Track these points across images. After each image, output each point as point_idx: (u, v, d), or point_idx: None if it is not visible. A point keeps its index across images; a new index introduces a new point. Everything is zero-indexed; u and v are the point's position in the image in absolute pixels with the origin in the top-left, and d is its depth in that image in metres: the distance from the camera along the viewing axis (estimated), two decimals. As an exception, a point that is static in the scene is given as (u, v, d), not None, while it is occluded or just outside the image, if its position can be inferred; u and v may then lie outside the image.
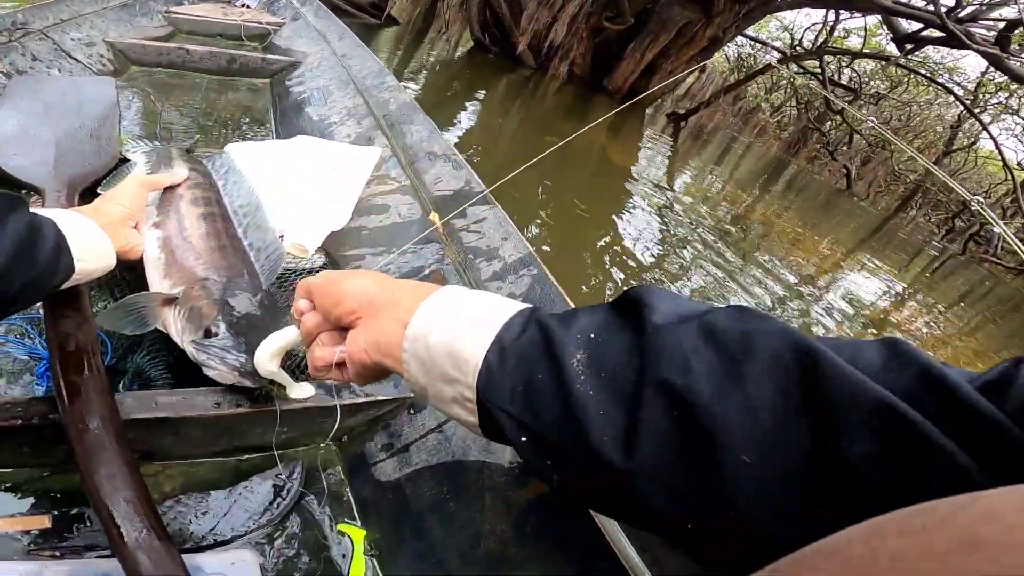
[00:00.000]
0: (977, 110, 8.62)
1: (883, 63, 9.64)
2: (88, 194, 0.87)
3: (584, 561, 0.55)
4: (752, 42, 12.71)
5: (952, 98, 9.08)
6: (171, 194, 0.83)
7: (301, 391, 0.63)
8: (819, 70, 9.21)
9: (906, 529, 0.16)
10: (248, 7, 3.13)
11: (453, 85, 6.29)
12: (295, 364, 0.71)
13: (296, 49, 2.38)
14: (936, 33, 6.45)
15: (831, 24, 8.94)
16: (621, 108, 1.21)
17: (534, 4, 7.92)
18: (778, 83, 14.24)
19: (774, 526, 0.26)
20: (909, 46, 7.21)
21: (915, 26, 6.81)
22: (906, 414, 0.24)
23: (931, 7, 6.26)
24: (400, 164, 1.20)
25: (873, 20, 9.19)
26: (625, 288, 0.37)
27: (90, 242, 0.59)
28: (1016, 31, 5.96)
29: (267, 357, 0.54)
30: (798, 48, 10.13)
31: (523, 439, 0.33)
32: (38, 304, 0.74)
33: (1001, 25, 6.11)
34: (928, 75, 9.23)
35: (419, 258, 0.98)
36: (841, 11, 8.39)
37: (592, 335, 0.33)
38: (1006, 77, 6.91)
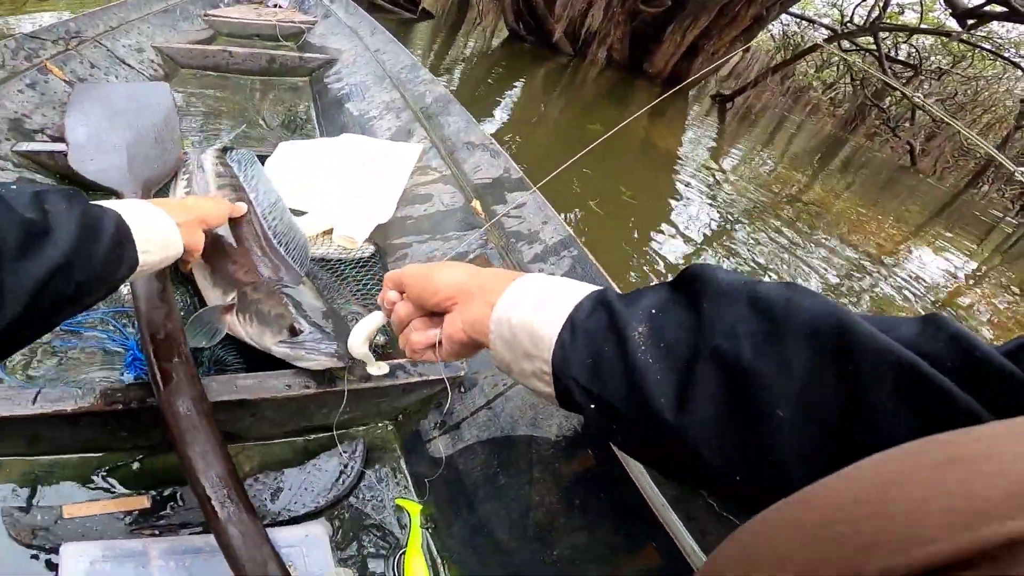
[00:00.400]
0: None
1: (944, 39, 9.13)
2: (159, 195, 0.94)
3: (630, 530, 0.59)
4: (798, 20, 12.24)
5: (1021, 72, 8.56)
6: None
7: (379, 369, 0.68)
8: (874, 47, 8.79)
9: (902, 454, 0.19)
10: (280, 7, 3.22)
11: (491, 76, 6.34)
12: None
13: (330, 46, 2.45)
14: (999, 8, 6.07)
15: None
16: (666, 95, 1.21)
17: None
18: (829, 60, 13.64)
19: (809, 476, 0.29)
20: (971, 21, 6.79)
21: (975, 0, 6.41)
22: (928, 374, 0.27)
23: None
24: (440, 155, 1.25)
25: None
26: (681, 270, 0.40)
27: (155, 232, 0.59)
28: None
29: (360, 341, 0.60)
30: (849, 25, 9.68)
31: (592, 406, 0.38)
32: (125, 296, 0.82)
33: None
34: (993, 50, 8.72)
35: (464, 244, 1.02)
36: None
37: (653, 311, 0.38)
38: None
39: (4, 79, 1.17)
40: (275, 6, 3.21)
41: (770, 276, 3.00)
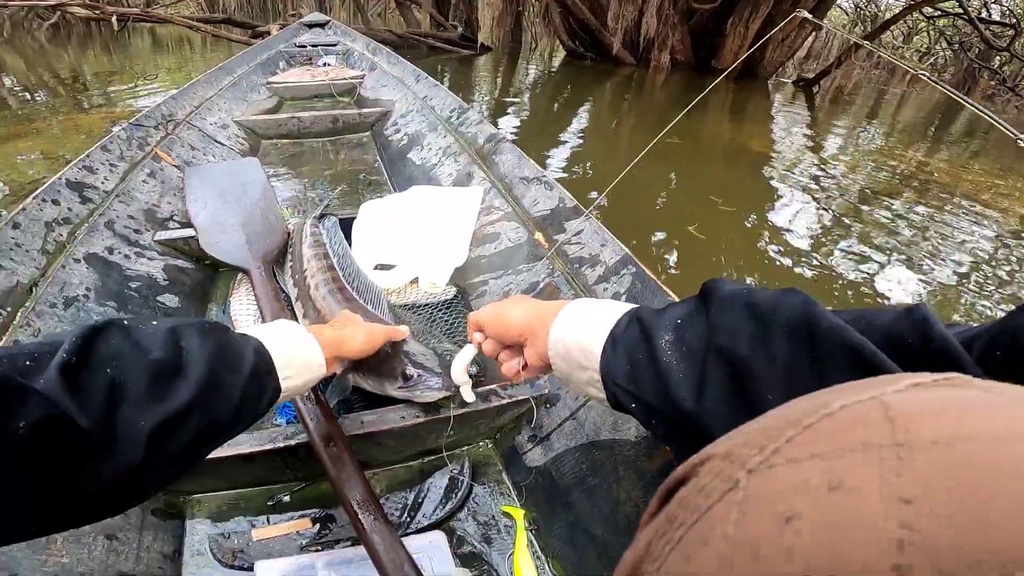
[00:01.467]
0: None
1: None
2: (274, 266, 1.15)
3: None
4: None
5: None
6: (304, 280, 1.07)
7: (471, 395, 0.83)
8: (960, 11, 8.28)
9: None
10: (329, 64, 3.54)
11: (558, 99, 6.45)
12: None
13: (383, 98, 2.68)
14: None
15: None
16: (718, 81, 1.25)
17: (616, 3, 7.95)
18: (916, 27, 12.86)
19: None
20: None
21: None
22: (869, 353, 0.34)
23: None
24: (500, 193, 1.40)
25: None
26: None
27: (298, 356, 0.60)
28: None
29: (460, 372, 0.76)
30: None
31: (633, 405, 0.48)
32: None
33: None
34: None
35: (533, 274, 1.16)
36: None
37: (678, 320, 0.46)
38: None
39: (128, 171, 1.40)
40: (325, 64, 3.53)
41: (904, 261, 2.75)
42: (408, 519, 0.83)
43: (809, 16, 1.13)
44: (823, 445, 0.16)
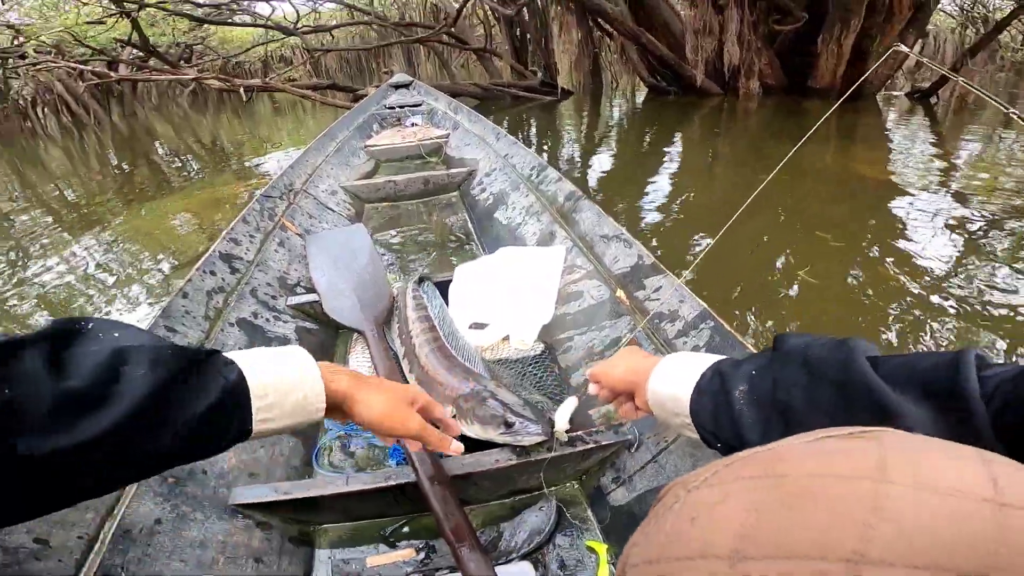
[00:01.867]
0: None
1: None
2: (384, 327, 1.35)
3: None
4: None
5: None
6: (409, 339, 1.25)
7: (564, 437, 0.97)
8: None
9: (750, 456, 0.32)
10: (416, 124, 3.91)
11: (645, 138, 6.42)
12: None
13: (467, 157, 2.92)
14: None
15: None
16: (838, 104, 1.25)
17: (692, 35, 8.00)
18: None
19: None
20: None
21: None
22: (888, 405, 0.42)
23: None
24: (582, 252, 1.54)
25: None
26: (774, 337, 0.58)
27: (288, 399, 0.59)
28: None
29: (563, 422, 0.92)
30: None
31: (719, 445, 0.58)
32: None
33: None
34: None
35: (615, 330, 1.28)
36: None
37: (752, 372, 0.56)
38: None
39: (263, 241, 1.69)
40: (412, 124, 3.91)
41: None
42: (501, 550, 0.95)
43: (906, 48, 1.18)
44: (729, 476, 0.28)
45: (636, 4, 8.35)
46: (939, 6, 8.52)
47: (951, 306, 2.29)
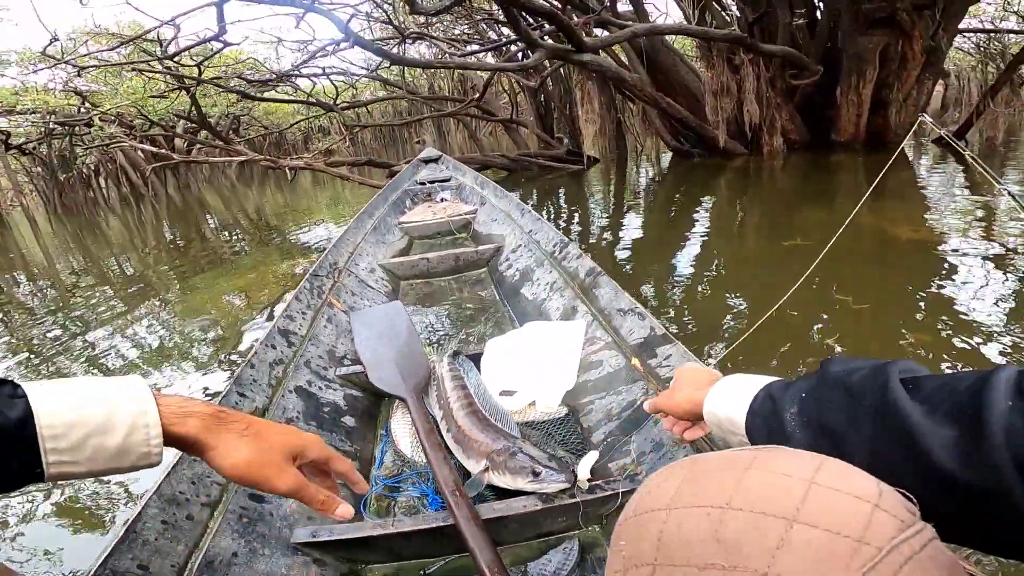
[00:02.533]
0: None
1: None
2: (423, 394, 1.59)
3: None
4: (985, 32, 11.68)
5: None
6: (448, 405, 1.48)
7: (586, 485, 1.17)
8: None
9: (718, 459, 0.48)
10: (446, 199, 4.27)
11: (674, 199, 6.66)
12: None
13: (494, 233, 3.20)
14: None
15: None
16: (893, 159, 1.35)
17: (711, 95, 8.41)
18: None
19: None
20: None
21: None
22: (910, 428, 0.45)
23: None
24: (601, 325, 1.78)
25: None
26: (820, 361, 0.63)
27: (105, 445, 0.56)
28: None
29: (585, 472, 1.15)
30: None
31: None
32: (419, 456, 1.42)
33: None
34: None
35: (631, 394, 1.49)
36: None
37: (802, 395, 0.60)
38: None
39: (313, 317, 1.97)
40: (442, 200, 4.27)
41: None
42: (529, 590, 1.14)
43: (928, 119, 1.34)
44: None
45: (655, 69, 8.76)
46: (956, 45, 8.58)
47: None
